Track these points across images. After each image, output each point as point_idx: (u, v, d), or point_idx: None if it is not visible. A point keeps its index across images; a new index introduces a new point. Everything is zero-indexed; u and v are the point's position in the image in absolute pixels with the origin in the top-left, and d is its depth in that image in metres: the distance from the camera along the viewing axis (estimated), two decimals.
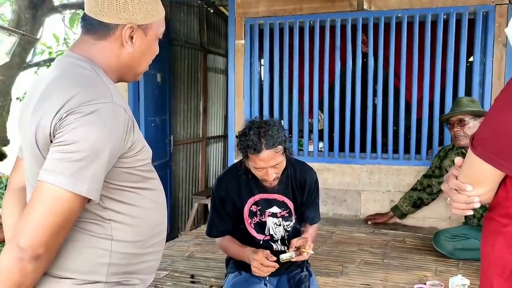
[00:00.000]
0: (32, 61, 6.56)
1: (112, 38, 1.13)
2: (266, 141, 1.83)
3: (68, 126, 0.99)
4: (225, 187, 2.08)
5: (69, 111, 0.99)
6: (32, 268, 0.98)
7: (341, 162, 3.82)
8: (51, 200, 0.97)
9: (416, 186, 3.43)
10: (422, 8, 3.55)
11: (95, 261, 1.11)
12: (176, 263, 2.78)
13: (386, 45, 3.67)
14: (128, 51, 1.16)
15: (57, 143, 0.99)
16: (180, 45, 5.24)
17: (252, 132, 1.86)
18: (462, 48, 3.50)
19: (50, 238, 0.98)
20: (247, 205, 2.07)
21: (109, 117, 1.02)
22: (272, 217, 2.08)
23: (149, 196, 1.19)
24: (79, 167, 0.98)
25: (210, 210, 2.17)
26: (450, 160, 3.13)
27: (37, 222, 0.97)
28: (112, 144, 1.02)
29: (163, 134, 4.79)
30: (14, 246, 0.98)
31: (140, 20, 1.14)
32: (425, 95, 3.63)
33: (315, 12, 3.76)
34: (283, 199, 2.09)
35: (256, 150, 1.83)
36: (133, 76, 1.24)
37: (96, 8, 1.12)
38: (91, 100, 1.01)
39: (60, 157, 0.98)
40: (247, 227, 2.09)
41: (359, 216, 3.78)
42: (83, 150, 0.98)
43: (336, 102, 3.82)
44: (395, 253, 2.93)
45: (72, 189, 0.98)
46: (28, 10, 5.18)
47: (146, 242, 1.19)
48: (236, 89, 4.01)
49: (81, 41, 1.17)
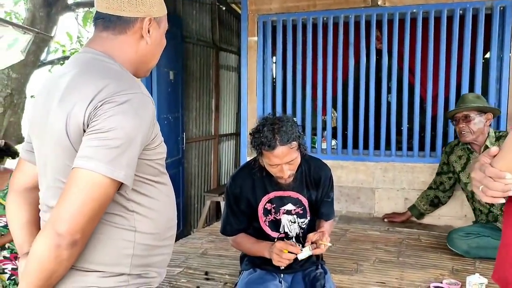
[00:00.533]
0: (46, 59, 6.62)
1: (131, 31, 1.18)
2: (280, 137, 1.82)
3: (104, 115, 1.01)
4: (239, 185, 2.07)
5: (103, 100, 1.02)
6: (68, 255, 1.00)
7: (354, 159, 3.79)
8: (90, 185, 0.99)
9: (431, 185, 3.40)
10: (438, 3, 3.50)
11: (120, 253, 1.13)
12: (190, 260, 2.79)
13: (400, 41, 3.63)
14: (145, 44, 1.20)
15: (92, 131, 1.01)
16: (192, 43, 5.24)
17: (266, 129, 1.84)
18: (479, 44, 3.45)
19: (87, 224, 1.00)
20: (261, 203, 2.06)
21: (140, 107, 1.06)
22: (286, 214, 2.07)
23: (163, 190, 1.22)
24: (116, 153, 1.01)
25: (224, 208, 2.16)
26: (456, 156, 3.12)
27: (76, 208, 0.99)
28: (142, 133, 1.06)
29: (176, 132, 4.80)
30: (51, 233, 0.99)
31: (156, 13, 1.20)
32: (441, 92, 3.58)
33: (329, 9, 3.74)
34: (298, 196, 2.07)
35: (270, 146, 1.82)
36: (145, 70, 1.27)
37: (115, 4, 1.15)
38: (123, 90, 1.04)
39: (97, 144, 1.00)
40: (262, 225, 2.08)
41: (373, 214, 3.75)
42: (119, 137, 1.01)
43: (350, 99, 3.79)
44: (410, 251, 2.90)
45: (111, 175, 1.00)
46: (43, 9, 5.22)
47: (162, 234, 1.22)
48: (248, 86, 3.99)
49: (97, 38, 1.19)
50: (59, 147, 1.08)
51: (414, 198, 3.63)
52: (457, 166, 3.11)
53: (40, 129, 1.15)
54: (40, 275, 1.01)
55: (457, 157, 3.11)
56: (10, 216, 1.27)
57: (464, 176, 3.07)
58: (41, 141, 1.16)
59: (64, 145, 1.07)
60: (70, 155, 1.05)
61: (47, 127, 1.10)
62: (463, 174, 3.07)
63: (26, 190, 1.27)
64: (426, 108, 3.67)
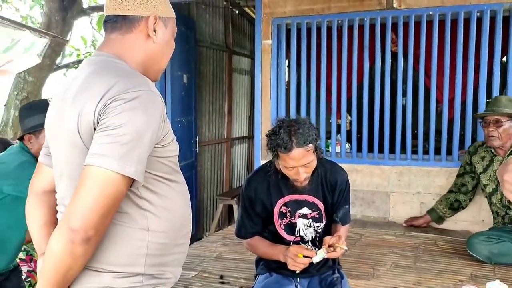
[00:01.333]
0: (61, 63, 6.69)
1: (137, 30, 1.20)
2: (297, 139, 1.80)
3: (113, 111, 1.02)
4: (254, 188, 2.05)
5: (112, 98, 1.03)
6: (82, 251, 1.01)
7: (369, 163, 3.76)
8: (102, 182, 1.00)
9: (452, 188, 3.35)
10: (455, 5, 3.46)
11: (134, 252, 1.13)
12: (204, 263, 2.78)
13: (416, 44, 3.60)
14: (152, 43, 1.22)
15: (103, 128, 1.02)
16: (205, 46, 5.26)
17: (283, 131, 1.83)
18: (497, 46, 3.40)
19: (100, 220, 1.01)
20: (276, 206, 2.04)
21: (149, 104, 1.07)
22: (302, 218, 2.05)
23: (177, 188, 1.23)
24: (127, 149, 1.01)
25: (239, 210, 2.15)
26: (479, 157, 3.07)
27: (88, 204, 0.99)
28: (152, 129, 1.06)
29: (189, 135, 4.81)
30: (65, 229, 1.00)
31: (161, 12, 1.22)
32: (457, 95, 3.54)
33: (344, 11, 3.72)
34: (314, 200, 2.05)
35: (287, 148, 1.81)
36: (154, 72, 1.27)
37: (121, 4, 1.19)
38: (132, 88, 1.05)
39: (108, 141, 1.01)
40: (277, 228, 2.06)
41: (388, 218, 3.71)
42: (129, 133, 1.01)
43: (364, 102, 3.76)
44: (427, 256, 2.86)
45: (122, 171, 1.01)
46: (58, 13, 5.28)
47: (176, 233, 1.22)
48: (262, 89, 3.99)
49: (107, 40, 1.22)
50: (72, 146, 1.10)
51: (429, 202, 3.58)
52: (479, 167, 3.06)
53: (55, 130, 1.17)
54: (56, 271, 1.03)
55: (480, 158, 3.06)
56: (29, 218, 1.29)
57: (485, 178, 3.02)
58: (56, 142, 1.18)
59: (76, 144, 1.08)
60: (82, 153, 1.06)
61: (61, 127, 1.12)
62: (484, 175, 3.02)
63: (44, 193, 1.29)
64: (442, 112, 3.63)
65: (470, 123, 3.53)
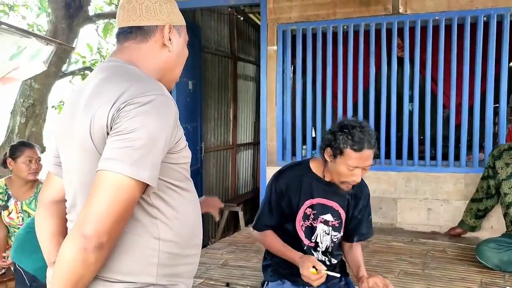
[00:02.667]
0: (67, 70, 6.72)
1: (152, 40, 1.19)
2: (369, 140, 1.80)
3: (127, 116, 1.00)
4: (286, 182, 2.02)
5: (126, 102, 1.01)
6: (95, 258, 0.98)
7: (376, 169, 3.72)
8: (115, 187, 0.98)
9: (474, 196, 3.26)
10: (461, 10, 3.44)
11: (145, 262, 1.11)
12: (210, 270, 2.76)
13: (422, 49, 3.58)
14: (167, 52, 1.22)
15: (116, 132, 1.00)
16: (211, 53, 5.27)
17: (358, 130, 1.80)
18: (504, 51, 3.38)
19: (113, 227, 0.99)
20: (303, 207, 2.01)
21: (163, 108, 1.05)
22: (323, 224, 2.02)
23: (187, 196, 1.20)
24: (140, 154, 0.99)
25: (263, 201, 2.10)
26: (503, 162, 2.95)
27: (101, 210, 0.97)
28: (165, 133, 1.05)
29: (195, 141, 4.81)
30: (78, 236, 0.98)
31: (175, 21, 1.23)
32: (464, 100, 3.51)
33: (349, 17, 3.71)
34: (339, 209, 2.03)
35: (360, 147, 1.78)
36: (168, 81, 1.26)
37: (135, 15, 1.18)
38: (145, 92, 1.04)
39: (121, 145, 0.99)
40: (297, 228, 2.03)
41: (395, 224, 3.68)
42: (142, 137, 1.00)
43: (371, 108, 3.74)
44: (436, 263, 2.82)
45: (136, 176, 0.99)
46: (64, 20, 5.30)
47: (187, 242, 1.20)
48: (268, 95, 3.98)
49: (121, 48, 1.21)
50: (84, 152, 1.08)
51: (437, 209, 3.56)
52: (502, 173, 2.95)
53: (66, 137, 1.16)
54: (68, 279, 1.00)
55: (505, 163, 2.94)
56: (39, 228, 1.28)
57: (506, 186, 2.91)
58: (67, 149, 1.16)
59: (88, 149, 1.07)
60: (94, 159, 1.04)
61: (73, 134, 1.11)
62: (506, 183, 2.91)
63: (54, 203, 1.27)
64: (449, 117, 3.60)
65: (478, 129, 3.49)
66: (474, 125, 3.50)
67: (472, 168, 3.46)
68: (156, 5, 1.19)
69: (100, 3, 7.45)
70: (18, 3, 7.23)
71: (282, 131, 3.96)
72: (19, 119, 5.30)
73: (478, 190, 3.24)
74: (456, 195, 3.51)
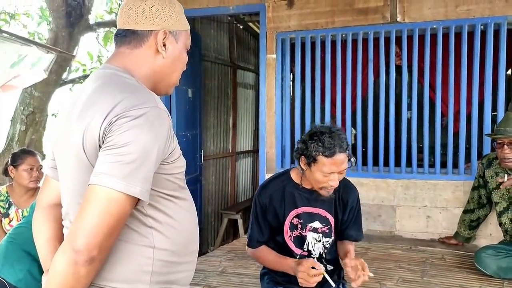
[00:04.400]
0: (67, 78, 6.75)
1: (146, 45, 1.17)
2: (340, 144, 1.81)
3: (119, 130, 1.00)
4: (269, 195, 2.02)
5: (118, 115, 1.01)
6: (86, 272, 0.99)
7: (375, 176, 3.74)
8: (106, 202, 0.98)
9: (467, 207, 3.27)
10: (458, 19, 3.47)
11: (139, 270, 1.11)
12: (209, 278, 2.75)
13: (420, 57, 3.61)
14: (161, 58, 1.19)
15: (108, 146, 1.00)
16: (210, 61, 5.30)
17: (327, 136, 1.82)
18: (501, 59, 3.40)
19: (104, 240, 0.99)
20: (289, 217, 2.02)
21: (156, 121, 1.04)
22: (312, 232, 2.02)
23: (184, 205, 1.20)
24: (132, 168, 0.99)
25: (250, 218, 2.11)
26: (493, 171, 2.98)
27: (92, 224, 0.98)
28: (158, 147, 1.04)
29: (194, 149, 4.81)
30: (68, 249, 0.98)
31: (172, 26, 1.19)
32: (462, 108, 3.53)
33: (348, 25, 3.74)
34: (326, 214, 2.03)
35: (331, 153, 1.80)
36: (165, 86, 1.25)
37: (130, 18, 1.17)
38: (138, 105, 1.03)
39: (112, 160, 0.99)
40: (286, 240, 2.04)
41: (394, 232, 3.68)
42: (134, 152, 0.99)
43: (369, 116, 3.76)
44: (435, 271, 2.82)
45: (127, 191, 0.99)
46: (65, 29, 5.35)
47: (182, 251, 1.20)
48: (267, 103, 4.00)
49: (116, 54, 1.20)
50: (77, 162, 1.09)
51: (435, 216, 3.56)
52: (492, 182, 2.98)
53: (61, 144, 1.16)
54: None
55: (494, 173, 2.96)
56: (36, 233, 1.28)
57: (497, 196, 2.94)
58: (63, 157, 1.16)
59: (81, 160, 1.07)
60: (87, 170, 1.04)
61: (67, 142, 1.11)
62: (496, 192, 2.94)
63: (51, 207, 1.27)
64: (447, 125, 3.62)
65: (476, 136, 3.51)
66: (472, 133, 3.52)
67: (470, 176, 3.47)
68: (153, 9, 1.16)
69: (100, 12, 7.51)
70: (19, 12, 7.28)
71: (281, 139, 3.97)
72: (19, 126, 5.32)
73: (470, 201, 3.25)
74: (454, 202, 3.52)
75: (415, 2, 3.56)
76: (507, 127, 2.76)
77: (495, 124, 3.39)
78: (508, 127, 2.75)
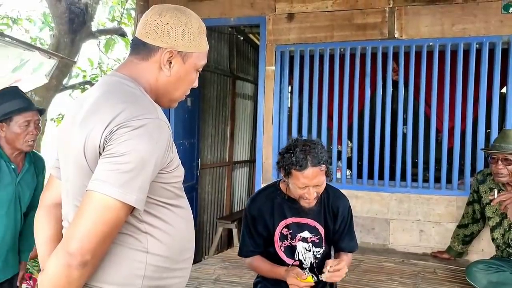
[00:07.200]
0: (67, 84, 6.80)
1: (152, 59, 1.20)
2: (312, 158, 1.84)
3: (119, 139, 1.03)
4: (258, 207, 2.07)
5: (119, 125, 1.04)
6: (78, 275, 1.01)
7: (369, 189, 3.77)
8: (102, 208, 1.01)
9: (461, 222, 3.30)
10: (454, 37, 3.54)
11: (132, 273, 1.14)
12: (202, 286, 2.77)
13: (417, 74, 3.67)
14: (165, 75, 1.21)
15: (107, 154, 1.04)
16: (210, 71, 5.35)
17: (298, 149, 1.86)
18: (495, 78, 3.47)
19: (97, 246, 1.02)
20: (278, 228, 2.06)
21: (155, 131, 1.07)
22: (302, 241, 2.06)
23: (180, 213, 1.23)
24: (129, 177, 1.02)
25: (242, 229, 2.16)
26: (487, 187, 3.00)
27: (87, 229, 1.01)
28: (156, 158, 1.07)
29: (191, 157, 4.85)
30: (63, 252, 1.01)
31: (181, 47, 1.20)
32: (457, 125, 3.59)
33: (346, 40, 3.80)
34: (315, 224, 2.06)
35: (302, 166, 1.83)
36: (168, 101, 1.28)
37: (144, 30, 1.20)
38: (139, 115, 1.06)
39: (110, 168, 1.02)
40: (277, 250, 2.07)
41: (387, 245, 3.71)
42: (132, 161, 1.03)
43: (365, 130, 3.81)
44: (426, 284, 2.85)
45: (122, 199, 1.02)
46: (67, 35, 5.40)
47: (176, 257, 1.23)
48: (265, 114, 4.04)
49: (127, 62, 1.24)
50: (78, 167, 1.12)
51: (428, 230, 3.59)
52: (485, 198, 2.99)
53: (64, 147, 1.19)
54: None
55: (488, 188, 2.99)
56: (37, 231, 1.30)
57: (490, 211, 2.97)
58: (65, 160, 1.20)
59: (82, 165, 1.10)
60: (87, 175, 1.08)
61: (70, 146, 1.14)
62: (489, 207, 2.97)
63: (54, 206, 1.30)
64: (442, 141, 3.67)
65: (470, 152, 3.56)
66: (466, 149, 3.57)
67: (464, 191, 3.51)
68: (165, 26, 1.18)
69: (103, 19, 7.58)
70: (22, 17, 7.34)
71: (278, 150, 4.01)
72: None
73: (464, 216, 3.29)
74: (447, 217, 3.56)
75: (413, 20, 3.63)
76: (502, 143, 2.81)
77: (488, 141, 3.45)
78: (504, 143, 2.80)
